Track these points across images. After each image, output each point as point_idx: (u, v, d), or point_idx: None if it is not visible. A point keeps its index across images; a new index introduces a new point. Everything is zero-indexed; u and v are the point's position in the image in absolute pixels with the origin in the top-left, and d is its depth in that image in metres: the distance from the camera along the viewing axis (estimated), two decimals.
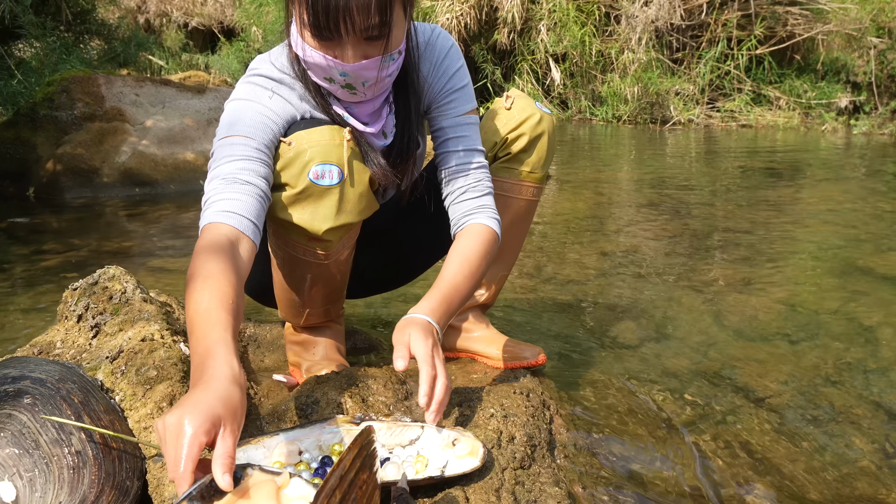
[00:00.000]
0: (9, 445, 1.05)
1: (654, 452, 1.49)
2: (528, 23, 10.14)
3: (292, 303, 1.59)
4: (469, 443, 1.20)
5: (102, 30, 6.42)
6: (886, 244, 3.17)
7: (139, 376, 1.27)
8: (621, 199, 4.50)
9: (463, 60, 1.51)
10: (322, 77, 1.31)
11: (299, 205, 1.34)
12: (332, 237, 1.38)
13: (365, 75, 1.27)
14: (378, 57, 1.25)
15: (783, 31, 9.53)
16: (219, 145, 1.29)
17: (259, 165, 1.27)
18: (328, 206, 1.34)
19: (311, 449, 1.20)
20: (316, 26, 1.20)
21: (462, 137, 1.48)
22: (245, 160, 1.26)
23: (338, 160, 1.32)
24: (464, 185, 1.47)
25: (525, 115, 1.62)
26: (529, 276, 2.73)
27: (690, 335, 2.15)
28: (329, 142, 1.32)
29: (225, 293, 1.07)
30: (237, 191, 1.22)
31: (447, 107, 1.48)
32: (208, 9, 14.53)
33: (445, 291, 1.36)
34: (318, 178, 1.31)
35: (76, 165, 4.52)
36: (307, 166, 1.30)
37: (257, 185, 1.25)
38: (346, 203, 1.36)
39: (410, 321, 1.28)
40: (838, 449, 1.55)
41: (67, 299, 1.56)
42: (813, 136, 8.17)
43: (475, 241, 1.43)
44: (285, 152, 1.32)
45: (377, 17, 1.19)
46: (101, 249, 3.26)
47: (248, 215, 1.21)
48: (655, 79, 9.30)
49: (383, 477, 1.12)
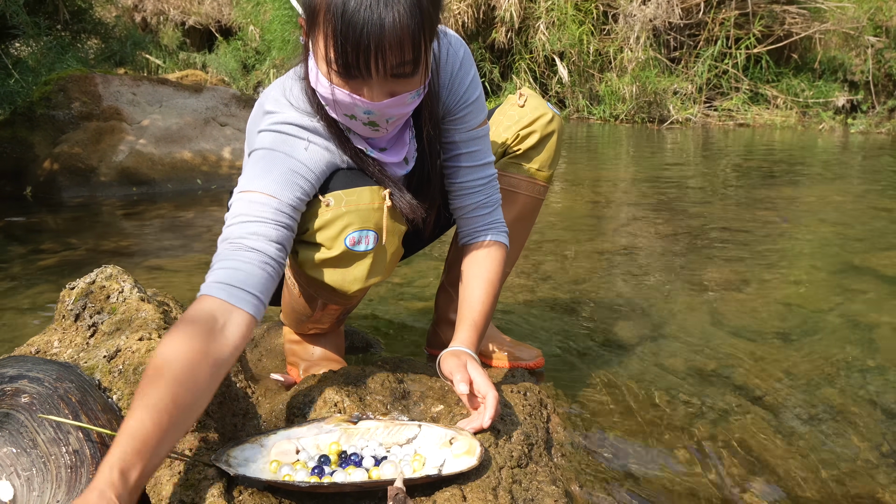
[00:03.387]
0: (6, 444, 1.05)
1: (652, 451, 1.49)
2: (526, 21, 10.15)
3: (298, 319, 1.61)
4: (466, 441, 1.20)
5: (99, 28, 6.41)
6: (883, 243, 3.18)
7: (137, 375, 1.27)
8: (619, 198, 4.51)
9: (475, 67, 1.46)
10: (343, 114, 1.23)
11: (332, 267, 1.32)
12: (359, 294, 1.40)
13: (390, 112, 1.20)
14: (405, 94, 1.18)
15: (781, 29, 9.55)
16: (236, 199, 1.22)
17: (273, 229, 1.18)
18: (361, 269, 1.33)
19: (308, 448, 1.20)
20: (344, 65, 1.11)
21: (474, 152, 1.45)
22: (258, 223, 1.18)
23: (375, 225, 1.29)
24: (475, 201, 1.47)
25: (538, 113, 1.63)
26: (527, 275, 2.73)
27: (688, 334, 2.16)
28: (368, 206, 1.28)
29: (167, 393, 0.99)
30: (240, 259, 1.15)
31: (461, 120, 1.42)
32: (205, 7, 14.51)
33: (477, 320, 1.40)
34: (355, 244, 1.29)
35: (73, 164, 4.52)
36: (344, 231, 1.27)
37: (265, 252, 1.16)
38: (378, 265, 1.34)
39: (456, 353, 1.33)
40: (835, 447, 1.56)
41: (65, 298, 1.55)
42: (810, 134, 8.18)
43: (494, 262, 1.46)
44: (323, 213, 1.27)
45: (410, 55, 1.11)
46: (98, 248, 3.26)
47: (246, 287, 1.13)
48: (653, 78, 9.30)
49: (380, 476, 1.12)
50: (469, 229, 1.49)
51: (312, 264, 1.33)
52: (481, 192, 1.47)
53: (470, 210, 1.47)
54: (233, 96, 5.37)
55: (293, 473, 1.13)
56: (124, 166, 4.59)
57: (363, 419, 1.25)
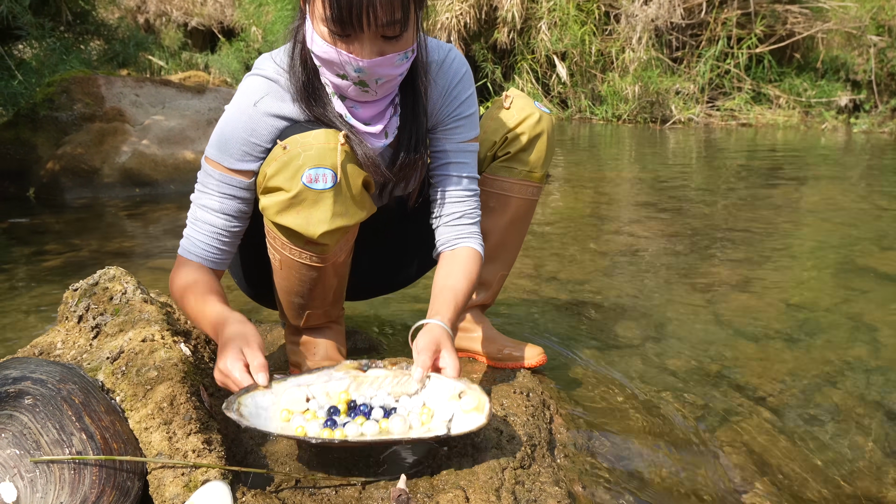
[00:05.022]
0: (10, 446, 1.05)
1: (655, 452, 1.49)
2: (527, 22, 10.14)
3: (292, 305, 1.59)
4: (476, 396, 1.20)
5: (102, 30, 6.41)
6: (886, 242, 3.17)
7: (140, 377, 1.27)
8: (621, 198, 4.50)
9: (474, 88, 1.54)
10: (335, 73, 1.31)
11: (294, 209, 1.34)
12: (328, 240, 1.38)
13: (379, 72, 1.28)
14: (394, 54, 1.26)
15: (783, 29, 9.53)
16: (202, 164, 1.42)
17: (217, 201, 1.40)
18: (323, 209, 1.34)
19: (318, 395, 1.23)
20: (337, 20, 1.21)
21: (462, 164, 1.52)
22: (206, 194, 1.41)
23: (331, 164, 1.32)
24: (459, 210, 1.52)
25: (524, 114, 1.63)
26: (529, 275, 2.73)
27: (691, 334, 2.16)
28: (323, 145, 1.32)
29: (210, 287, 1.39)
30: (197, 231, 1.42)
31: (452, 132, 1.51)
32: (208, 9, 14.52)
33: (458, 298, 1.43)
34: (312, 181, 1.31)
35: (76, 166, 4.53)
36: (300, 170, 1.30)
37: (212, 224, 1.41)
38: (340, 206, 1.35)
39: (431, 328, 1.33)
40: (838, 448, 1.55)
41: (68, 300, 1.56)
42: (813, 134, 8.16)
43: (473, 262, 1.51)
44: (279, 155, 1.32)
45: (399, 13, 1.21)
46: (101, 250, 3.26)
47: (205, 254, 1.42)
48: (655, 78, 9.29)
49: (389, 430, 1.15)
50: (448, 236, 1.53)
51: (276, 209, 1.34)
52: (465, 203, 1.53)
53: (453, 219, 1.52)
54: None
55: (305, 425, 1.16)
56: (127, 167, 4.60)
57: (372, 367, 1.28)
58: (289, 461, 1.26)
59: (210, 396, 1.35)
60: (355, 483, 1.17)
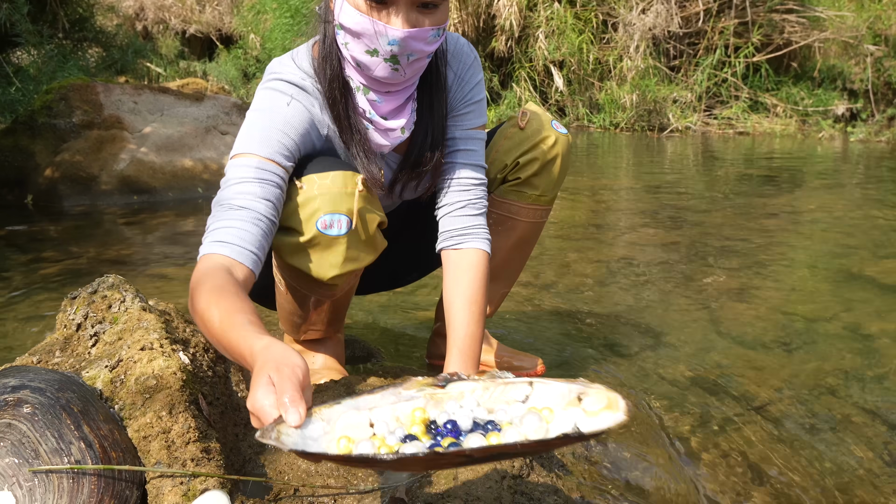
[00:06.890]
0: (8, 455, 1.05)
1: (652, 461, 1.49)
2: (525, 30, 10.17)
3: (293, 321, 1.60)
4: (602, 395, 0.88)
5: (100, 37, 6.43)
6: (883, 252, 3.18)
7: (138, 385, 1.27)
8: (619, 206, 4.51)
9: (482, 74, 1.51)
10: (365, 50, 1.25)
11: (306, 252, 1.32)
12: (338, 282, 1.38)
13: (413, 46, 1.24)
14: (428, 28, 1.23)
15: (780, 38, 9.57)
16: (230, 165, 1.27)
17: (258, 186, 1.22)
18: (335, 255, 1.32)
19: (386, 420, 0.91)
20: None
21: (470, 152, 1.47)
22: (243, 183, 1.22)
23: (347, 209, 1.29)
24: (464, 199, 1.46)
25: (538, 137, 1.58)
26: (527, 284, 2.74)
27: (688, 343, 2.16)
28: (340, 190, 1.29)
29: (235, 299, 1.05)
30: (232, 217, 1.19)
31: (462, 118, 1.47)
32: (206, 16, 14.56)
33: (463, 348, 1.36)
34: (327, 227, 1.29)
35: (75, 173, 4.53)
36: (315, 214, 1.28)
37: (253, 209, 1.20)
38: (353, 251, 1.34)
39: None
40: (836, 457, 1.56)
41: (66, 308, 1.56)
42: (810, 143, 8.19)
43: (476, 276, 1.42)
44: (295, 195, 1.29)
45: None
46: (99, 257, 3.26)
47: (242, 243, 1.17)
48: (653, 86, 9.33)
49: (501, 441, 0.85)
50: (452, 230, 1.46)
51: (289, 250, 1.33)
52: (471, 192, 1.46)
53: (457, 208, 1.46)
54: (233, 105, 5.39)
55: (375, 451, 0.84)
56: (125, 175, 4.60)
57: (452, 381, 0.96)
58: (287, 470, 1.26)
59: (209, 405, 1.35)
60: (354, 492, 1.17)
